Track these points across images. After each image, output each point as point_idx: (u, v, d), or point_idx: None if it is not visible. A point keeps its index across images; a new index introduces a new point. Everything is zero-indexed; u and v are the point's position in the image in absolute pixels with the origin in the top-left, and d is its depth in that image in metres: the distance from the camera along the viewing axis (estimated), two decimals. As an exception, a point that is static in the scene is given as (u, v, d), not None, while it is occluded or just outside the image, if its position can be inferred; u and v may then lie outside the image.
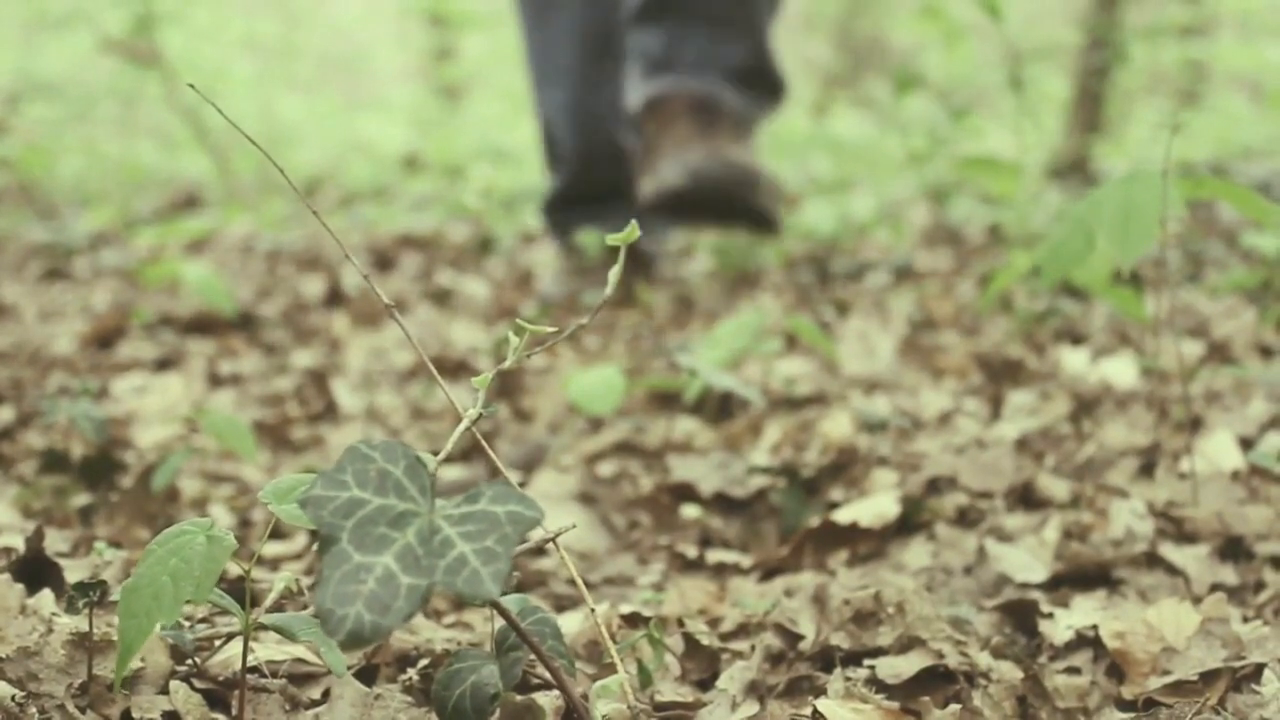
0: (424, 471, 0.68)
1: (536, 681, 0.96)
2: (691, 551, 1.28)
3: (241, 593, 0.80)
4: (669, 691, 0.95)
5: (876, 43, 8.11)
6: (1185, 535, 1.21)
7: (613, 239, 0.85)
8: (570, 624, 1.05)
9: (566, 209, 2.63)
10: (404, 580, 0.64)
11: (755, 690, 0.97)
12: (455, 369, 2.04)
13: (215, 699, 0.88)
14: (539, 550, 1.22)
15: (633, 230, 0.86)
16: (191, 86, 0.93)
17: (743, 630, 1.08)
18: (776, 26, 2.45)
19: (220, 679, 0.90)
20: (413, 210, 3.99)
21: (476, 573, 0.63)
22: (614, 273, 0.85)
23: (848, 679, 0.94)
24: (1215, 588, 1.11)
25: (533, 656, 0.96)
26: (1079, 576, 1.15)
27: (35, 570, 1.07)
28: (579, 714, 0.78)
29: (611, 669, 0.88)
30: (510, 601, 0.81)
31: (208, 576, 0.76)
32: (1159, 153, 1.24)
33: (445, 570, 0.64)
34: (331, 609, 0.63)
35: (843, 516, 1.28)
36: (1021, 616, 1.07)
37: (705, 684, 0.99)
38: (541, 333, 0.83)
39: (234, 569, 1.03)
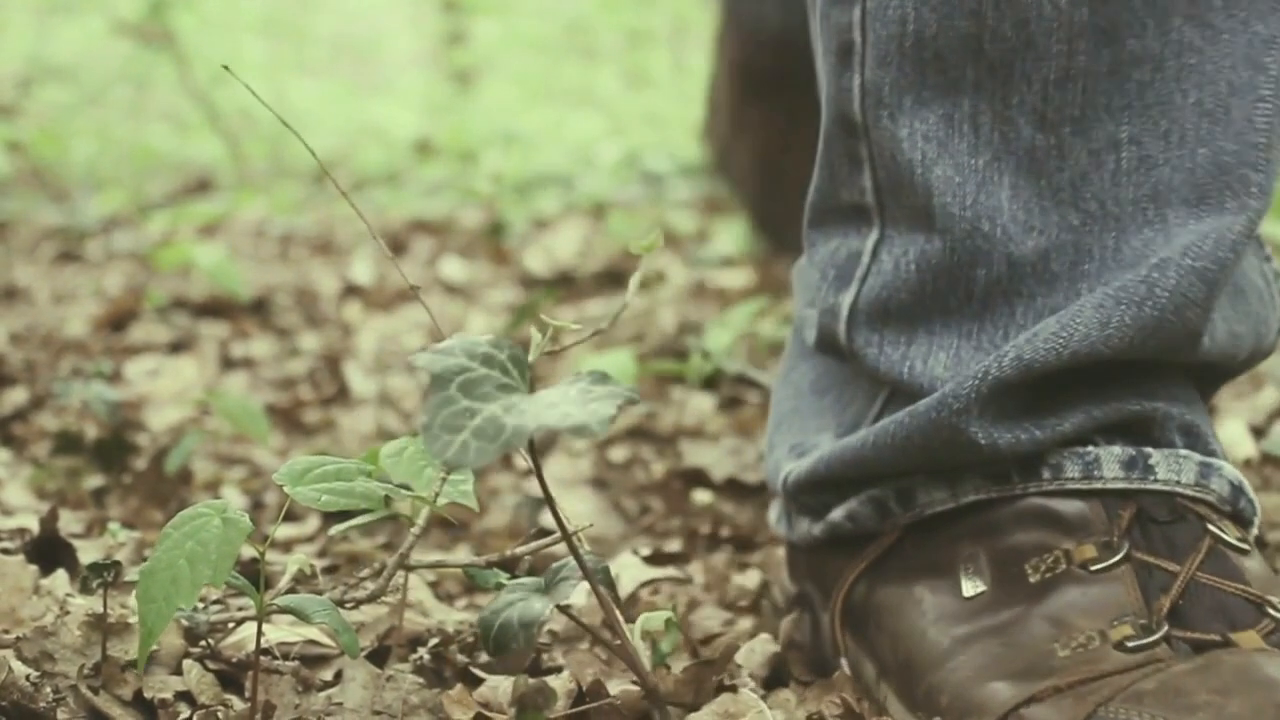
0: (525, 364, 0.70)
1: (549, 665, 0.96)
2: (704, 533, 1.28)
3: (255, 575, 0.80)
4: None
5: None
6: (1197, 522, 1.21)
7: (640, 246, 0.85)
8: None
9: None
10: (509, 422, 0.66)
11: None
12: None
13: (228, 680, 0.89)
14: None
15: (654, 240, 0.85)
16: (226, 69, 0.93)
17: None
18: None
19: (233, 660, 0.90)
20: (425, 195, 3.99)
21: (584, 420, 0.65)
22: (634, 281, 0.85)
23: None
24: (1228, 574, 1.11)
25: (546, 639, 0.96)
26: (1091, 562, 1.15)
27: (49, 551, 1.07)
28: (619, 632, 0.78)
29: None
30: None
31: (224, 559, 0.77)
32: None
33: (550, 417, 0.65)
34: (439, 433, 0.65)
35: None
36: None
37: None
38: (566, 328, 0.83)
39: (248, 551, 1.04)
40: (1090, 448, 0.87)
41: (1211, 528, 0.84)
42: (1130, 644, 0.78)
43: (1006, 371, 0.86)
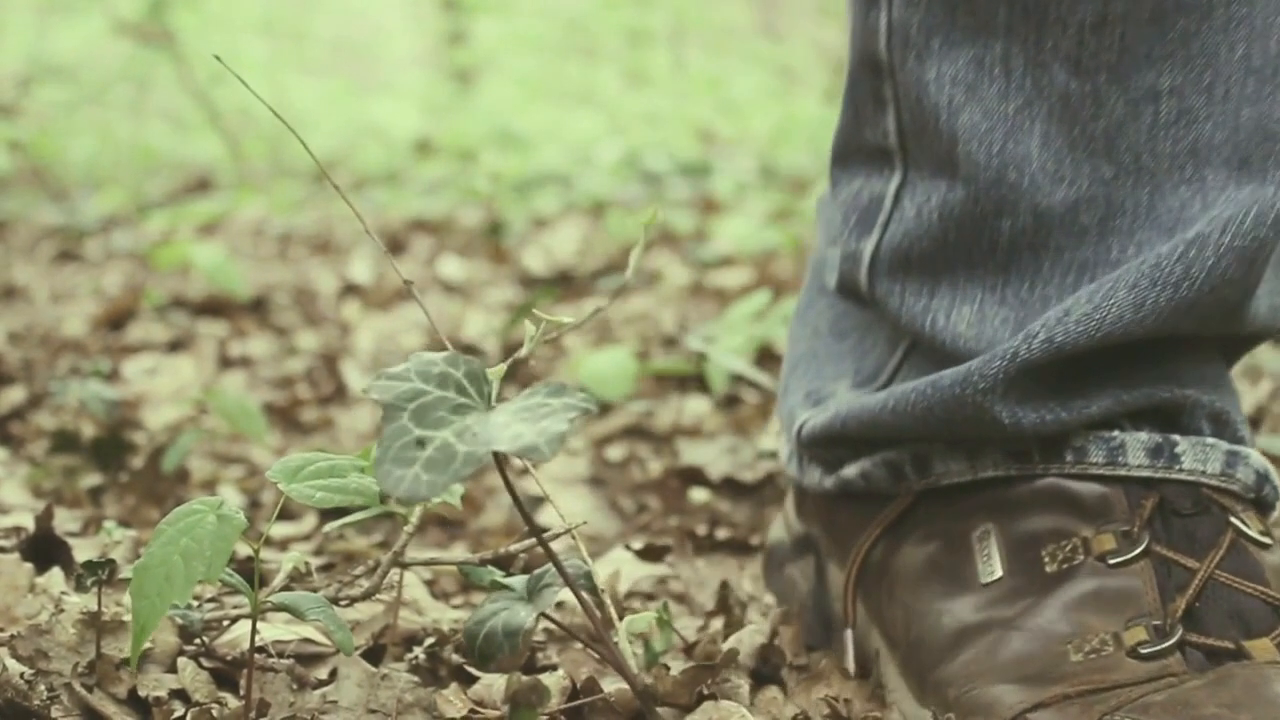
0: (483, 379, 0.71)
1: (544, 662, 0.96)
2: (700, 532, 1.28)
3: (250, 573, 0.80)
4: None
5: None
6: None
7: (638, 220, 0.85)
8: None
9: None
10: (461, 449, 0.66)
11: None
12: (464, 352, 2.04)
13: (223, 678, 0.89)
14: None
15: (653, 215, 0.85)
16: (217, 58, 0.93)
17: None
18: None
19: (228, 658, 0.90)
20: (424, 194, 3.99)
21: (533, 441, 0.66)
22: (635, 254, 0.84)
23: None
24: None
25: (541, 636, 0.96)
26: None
27: (44, 549, 1.07)
28: (604, 637, 0.78)
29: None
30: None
31: (219, 556, 0.77)
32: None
33: (502, 441, 0.66)
34: (390, 469, 0.66)
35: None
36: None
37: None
38: (559, 323, 0.82)
39: (243, 549, 1.04)
40: (1116, 433, 0.84)
41: (1234, 520, 0.82)
42: (1144, 650, 0.77)
43: (1035, 353, 0.83)
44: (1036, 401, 0.85)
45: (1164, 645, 0.77)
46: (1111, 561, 0.81)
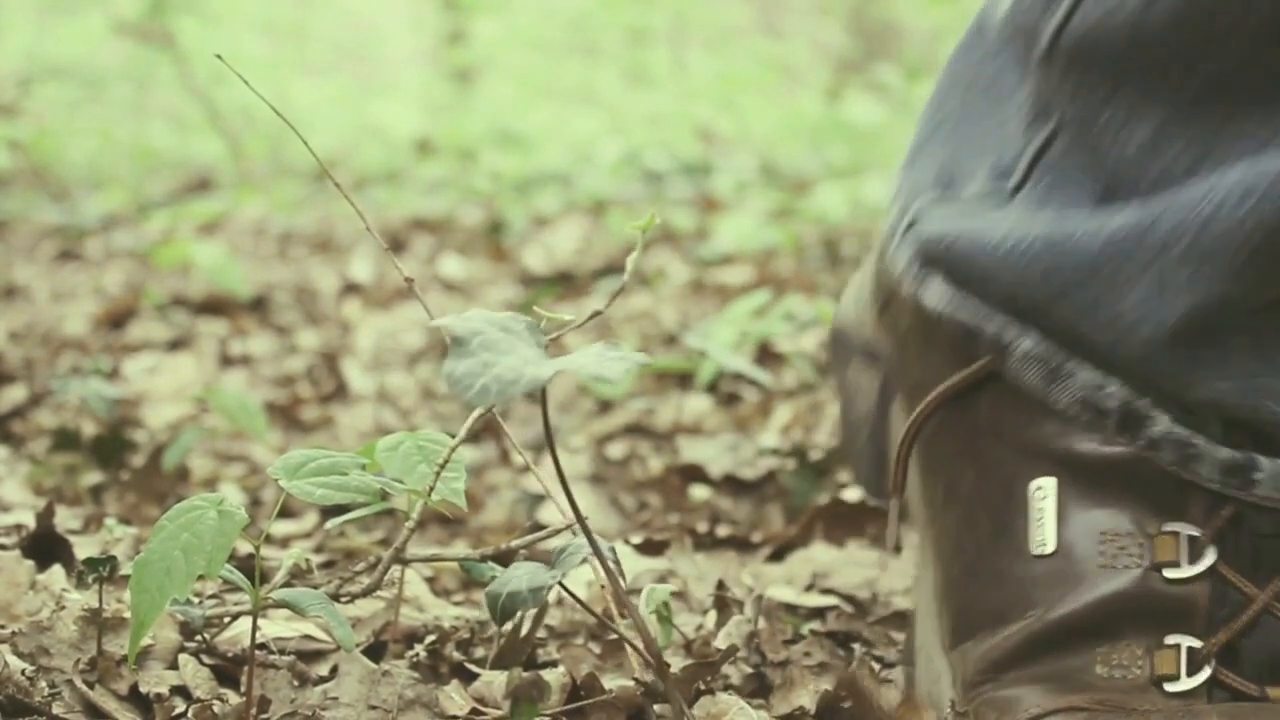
0: (540, 335, 0.72)
1: (544, 659, 0.96)
2: (701, 529, 1.28)
3: (251, 569, 0.80)
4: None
5: (889, 27, 8.10)
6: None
7: (634, 225, 0.84)
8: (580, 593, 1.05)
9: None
10: (528, 370, 0.68)
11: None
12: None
13: (224, 674, 0.89)
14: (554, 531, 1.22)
15: (651, 219, 0.85)
16: (218, 57, 0.93)
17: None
18: None
19: (229, 655, 0.90)
20: (424, 194, 3.99)
21: (599, 370, 0.67)
22: (632, 258, 0.84)
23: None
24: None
25: (543, 633, 0.96)
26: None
27: (45, 547, 1.07)
28: (625, 607, 0.78)
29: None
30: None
31: (219, 551, 0.77)
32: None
33: (568, 367, 0.68)
34: (460, 377, 0.67)
35: (853, 494, 1.28)
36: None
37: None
38: (559, 320, 0.82)
39: (244, 546, 1.04)
40: (1198, 440, 0.77)
41: None
42: (1169, 689, 0.73)
43: (1174, 256, 0.74)
44: (1142, 351, 0.77)
45: (1192, 685, 0.74)
46: (1169, 575, 0.76)
